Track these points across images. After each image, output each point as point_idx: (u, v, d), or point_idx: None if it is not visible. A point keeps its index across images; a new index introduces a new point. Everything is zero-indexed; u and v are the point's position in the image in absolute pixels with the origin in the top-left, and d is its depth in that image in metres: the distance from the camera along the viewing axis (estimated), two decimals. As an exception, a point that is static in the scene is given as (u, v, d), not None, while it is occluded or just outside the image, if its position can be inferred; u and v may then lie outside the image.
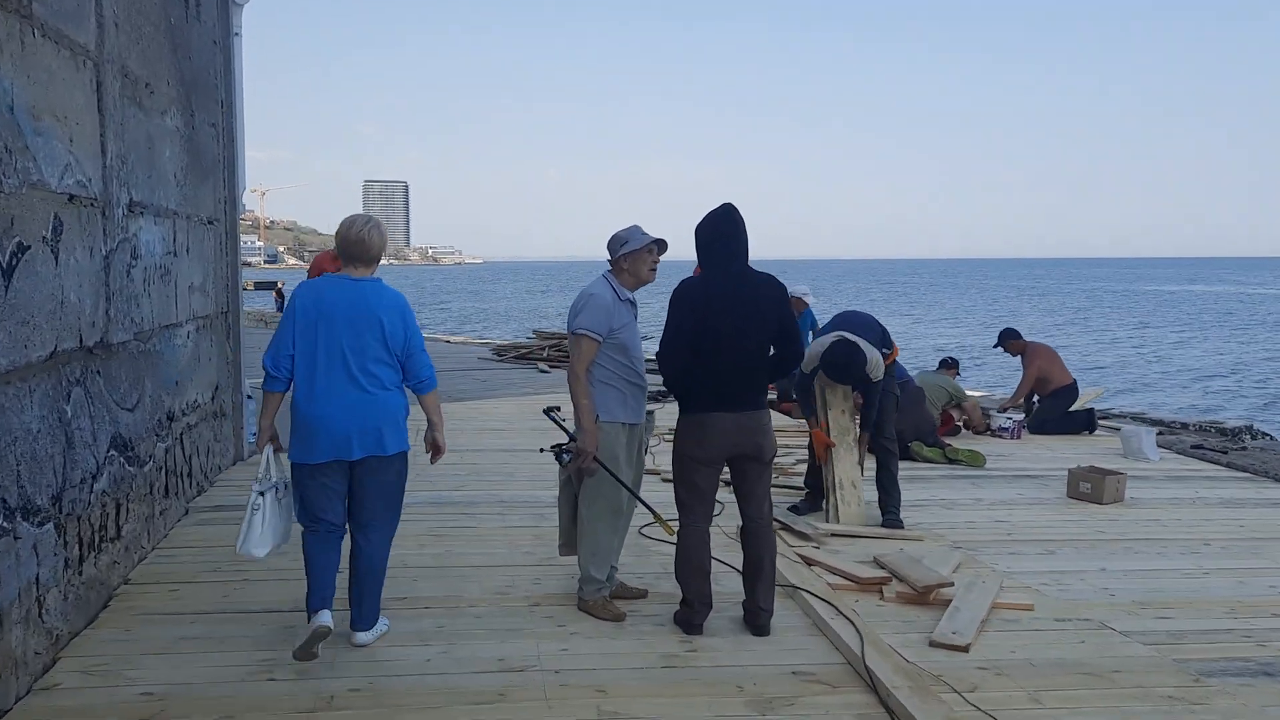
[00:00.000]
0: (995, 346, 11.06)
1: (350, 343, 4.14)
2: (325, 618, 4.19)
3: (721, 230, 4.60)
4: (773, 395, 12.09)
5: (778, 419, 10.84)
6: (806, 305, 11.24)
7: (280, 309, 41.31)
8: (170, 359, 6.28)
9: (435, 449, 4.51)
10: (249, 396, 8.56)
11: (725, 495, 5.57)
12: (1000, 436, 9.90)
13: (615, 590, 4.98)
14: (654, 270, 4.91)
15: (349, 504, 4.33)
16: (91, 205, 4.86)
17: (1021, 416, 10.29)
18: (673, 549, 5.68)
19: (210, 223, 7.42)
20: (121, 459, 5.28)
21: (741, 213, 4.66)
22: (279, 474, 4.39)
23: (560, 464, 4.83)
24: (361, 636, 4.39)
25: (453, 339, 25.38)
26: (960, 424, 9.98)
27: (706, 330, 4.47)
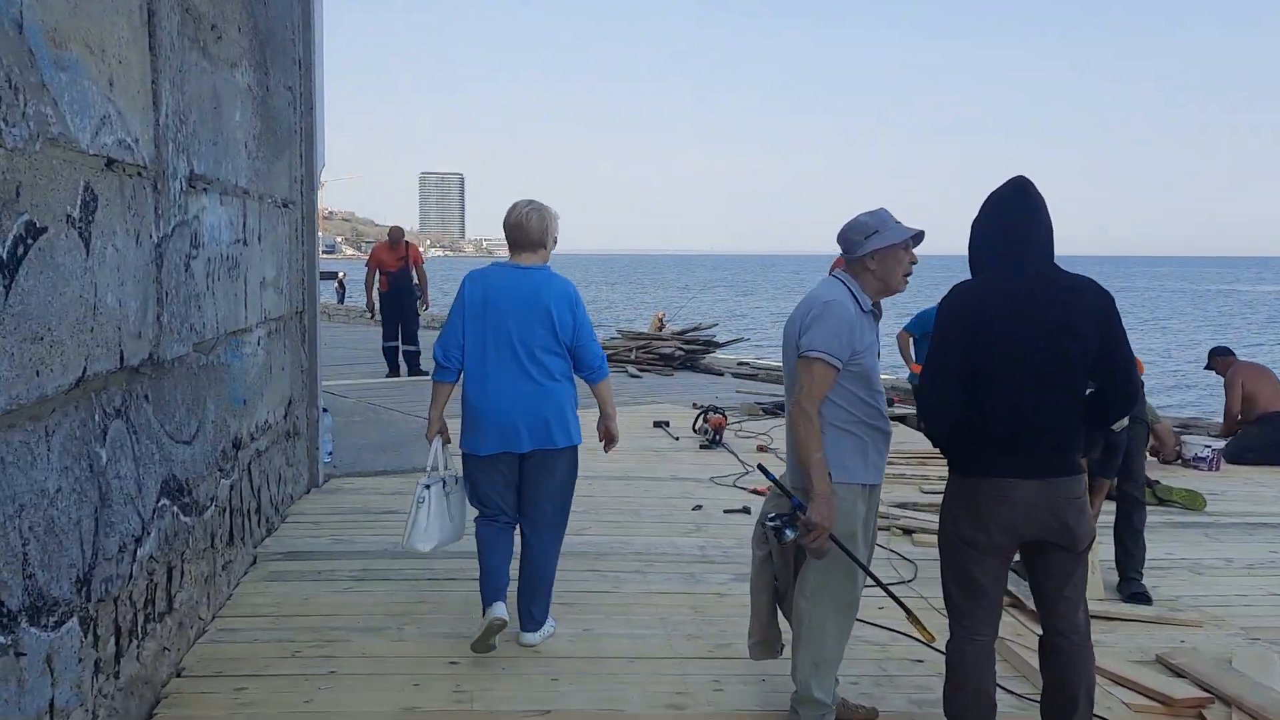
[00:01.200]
0: (1206, 368, 9.61)
1: (519, 332, 4.05)
2: (500, 610, 4.09)
3: (1011, 214, 3.21)
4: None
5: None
6: None
7: (341, 300, 40.53)
8: (237, 373, 5.05)
9: (609, 438, 4.46)
10: (324, 410, 7.34)
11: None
12: (1195, 468, 8.38)
13: (837, 709, 3.61)
14: (908, 278, 3.55)
15: (520, 499, 4.25)
16: (139, 175, 3.61)
17: (1221, 444, 8.76)
18: (894, 638, 4.35)
19: (285, 205, 6.18)
20: (175, 508, 4.04)
21: (1039, 191, 3.26)
22: (447, 468, 4.31)
23: (778, 542, 3.47)
24: (528, 637, 4.28)
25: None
26: (1150, 452, 8.47)
27: (990, 356, 3.09)
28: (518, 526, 4.29)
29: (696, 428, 8.98)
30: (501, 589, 4.16)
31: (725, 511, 6.51)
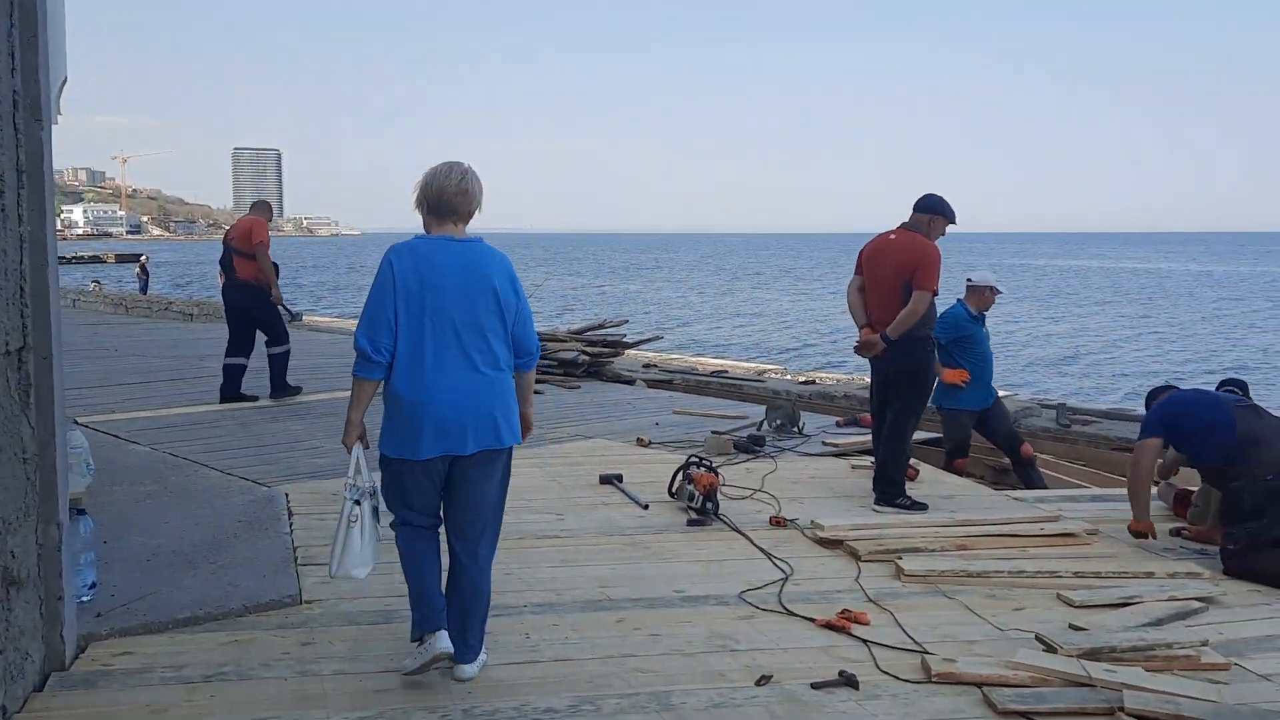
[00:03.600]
0: None
1: (463, 316, 3.54)
2: (445, 641, 3.60)
3: None
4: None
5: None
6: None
7: (144, 289, 35.40)
8: None
9: (525, 425, 3.86)
10: (80, 512, 4.19)
11: None
12: None
13: None
14: None
15: (446, 510, 3.74)
16: None
17: None
18: None
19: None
20: None
21: None
22: (370, 478, 3.70)
23: None
24: (467, 670, 3.69)
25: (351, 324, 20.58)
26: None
27: None
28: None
29: (675, 490, 6.17)
30: (442, 612, 3.65)
31: (814, 686, 3.76)
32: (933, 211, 6.08)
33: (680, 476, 6.14)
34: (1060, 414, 9.91)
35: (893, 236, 6.13)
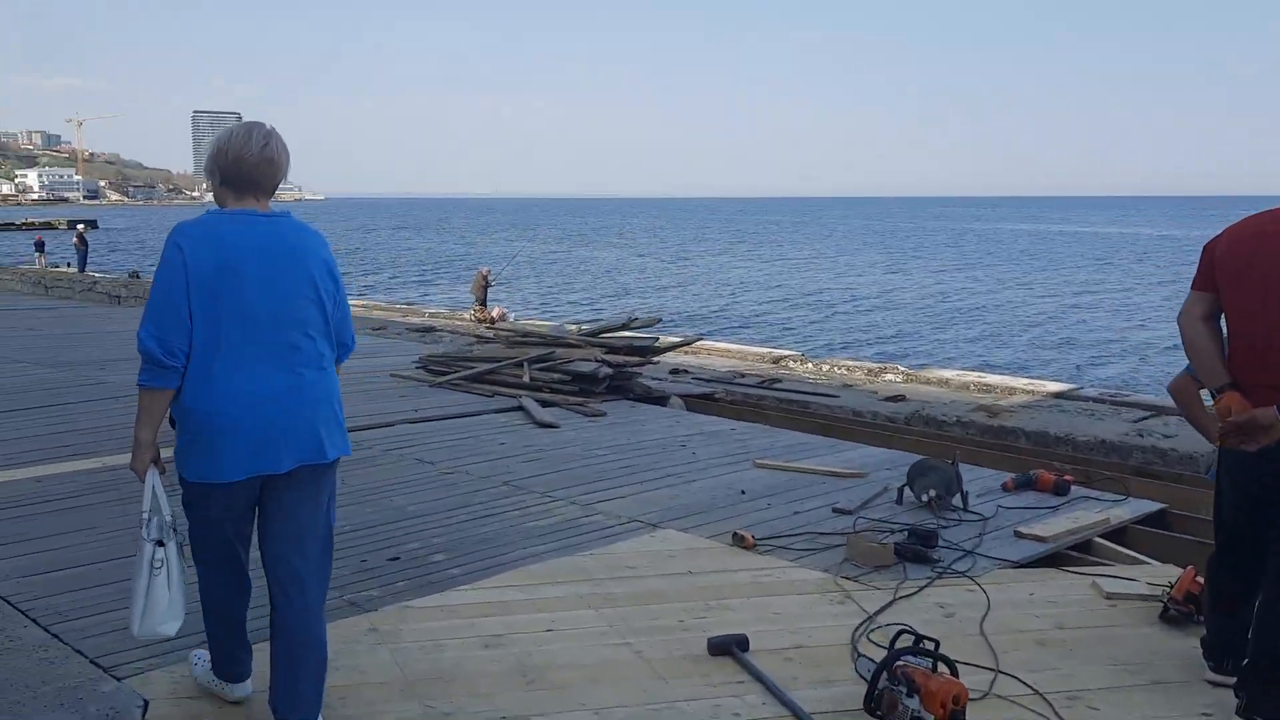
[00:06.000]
0: None
1: (273, 307, 2.93)
2: (249, 688, 3.27)
3: None
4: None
5: None
6: None
7: (83, 263, 31.89)
8: None
9: None
10: None
11: None
12: None
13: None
14: None
15: (261, 543, 3.12)
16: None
17: None
18: None
19: None
20: None
21: None
22: (171, 510, 3.06)
23: None
24: None
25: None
26: None
27: None
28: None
29: (880, 707, 3.31)
30: (248, 661, 3.29)
31: None
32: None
33: (884, 678, 3.29)
34: None
35: (1293, 221, 3.26)
